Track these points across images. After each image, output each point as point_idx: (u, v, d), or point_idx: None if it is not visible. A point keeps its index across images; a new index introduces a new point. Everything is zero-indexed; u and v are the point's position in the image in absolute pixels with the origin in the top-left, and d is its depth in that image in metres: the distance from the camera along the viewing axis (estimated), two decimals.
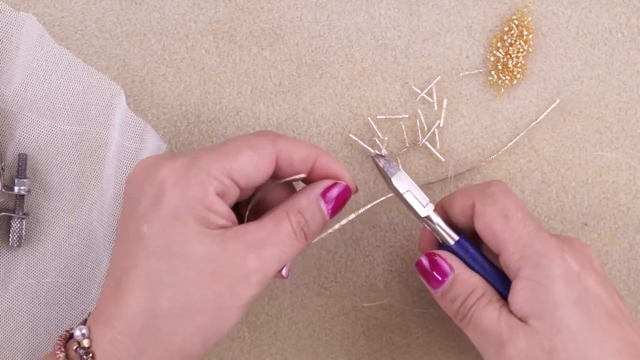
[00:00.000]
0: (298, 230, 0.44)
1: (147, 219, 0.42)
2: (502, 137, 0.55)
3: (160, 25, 0.55)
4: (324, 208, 0.45)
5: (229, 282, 0.42)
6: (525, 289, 0.43)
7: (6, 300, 0.53)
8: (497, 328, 0.43)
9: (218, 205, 0.42)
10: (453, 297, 0.45)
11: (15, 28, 0.53)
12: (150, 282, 0.41)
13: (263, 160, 0.44)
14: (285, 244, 0.43)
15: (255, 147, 0.44)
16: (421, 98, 0.55)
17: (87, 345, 0.42)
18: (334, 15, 0.55)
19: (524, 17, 0.55)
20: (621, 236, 0.55)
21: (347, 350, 0.55)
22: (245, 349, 0.55)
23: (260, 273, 0.42)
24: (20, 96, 0.53)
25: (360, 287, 0.55)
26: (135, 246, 0.42)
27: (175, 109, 0.55)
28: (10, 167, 0.53)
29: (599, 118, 0.55)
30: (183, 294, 0.41)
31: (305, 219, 0.44)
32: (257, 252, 0.42)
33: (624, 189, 0.55)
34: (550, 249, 0.43)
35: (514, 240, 0.43)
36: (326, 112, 0.55)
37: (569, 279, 0.42)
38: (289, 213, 0.44)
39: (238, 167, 0.43)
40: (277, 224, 0.43)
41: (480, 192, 0.45)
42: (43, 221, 0.54)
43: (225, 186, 0.43)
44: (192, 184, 0.42)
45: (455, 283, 0.45)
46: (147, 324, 0.41)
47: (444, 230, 0.46)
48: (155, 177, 0.43)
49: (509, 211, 0.44)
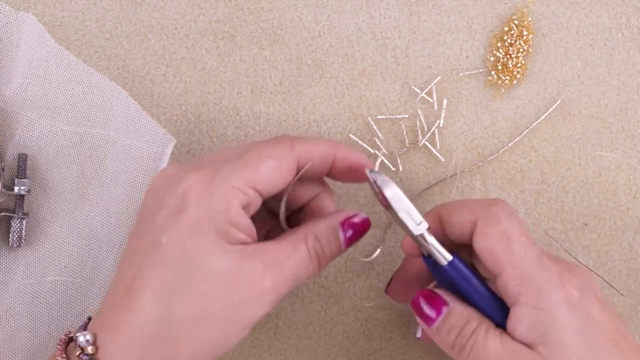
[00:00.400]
0: (313, 255, 0.44)
1: (166, 230, 0.42)
2: (502, 137, 0.55)
3: (161, 25, 0.55)
4: (341, 237, 0.45)
5: (244, 298, 0.42)
6: (529, 316, 0.42)
7: (6, 301, 0.53)
8: (502, 355, 0.42)
9: (240, 220, 0.42)
10: (449, 329, 0.44)
11: (16, 28, 0.53)
12: (164, 290, 0.41)
13: (284, 167, 0.44)
14: (301, 268, 0.44)
15: (275, 156, 0.44)
16: (421, 98, 0.55)
17: (92, 352, 0.42)
18: (334, 15, 0.55)
19: (524, 17, 0.55)
20: (621, 236, 0.55)
21: (347, 350, 0.55)
22: (245, 349, 0.55)
23: (274, 293, 0.42)
24: (20, 96, 0.53)
25: (360, 287, 0.55)
26: (151, 255, 0.42)
27: (175, 109, 0.55)
28: (10, 167, 0.53)
29: (599, 118, 0.55)
30: (197, 305, 0.41)
31: (322, 245, 0.45)
32: (274, 272, 0.42)
33: (624, 189, 0.55)
34: (552, 275, 0.42)
35: (516, 264, 0.42)
36: (326, 112, 0.55)
37: (572, 306, 0.42)
38: (307, 237, 0.44)
39: (260, 178, 0.43)
40: (295, 247, 0.44)
41: (484, 211, 0.44)
42: (43, 221, 0.54)
43: (249, 197, 0.43)
44: (216, 196, 0.42)
45: (450, 315, 0.44)
46: (158, 332, 0.41)
47: (437, 250, 0.44)
48: (177, 188, 0.43)
49: (512, 234, 0.43)
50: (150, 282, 0.42)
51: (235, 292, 0.42)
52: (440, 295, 0.45)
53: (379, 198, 0.45)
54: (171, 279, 0.41)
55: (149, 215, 0.44)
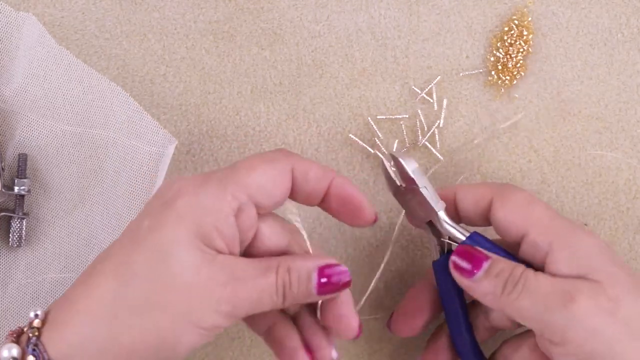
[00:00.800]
0: (280, 286, 0.43)
1: (151, 215, 0.42)
2: (502, 137, 0.55)
3: (160, 25, 0.55)
4: (313, 281, 0.43)
5: (200, 299, 0.41)
6: (569, 256, 0.44)
7: (6, 300, 0.53)
8: (560, 285, 0.44)
9: (226, 227, 0.42)
10: (497, 273, 0.45)
11: (16, 28, 0.53)
12: (127, 270, 0.41)
13: (278, 172, 0.43)
14: (263, 294, 0.42)
15: (269, 160, 0.43)
16: (421, 98, 0.55)
17: (38, 325, 0.41)
18: (334, 15, 0.55)
19: (523, 17, 0.55)
20: (621, 236, 0.55)
21: (347, 350, 0.55)
22: (245, 349, 0.55)
23: (230, 305, 0.41)
24: (21, 96, 0.53)
25: (360, 288, 0.55)
26: (126, 236, 0.42)
27: (175, 109, 0.55)
28: (10, 167, 0.53)
29: (599, 118, 0.55)
30: (153, 292, 0.41)
31: (291, 280, 0.43)
32: (235, 286, 0.41)
33: (624, 189, 0.55)
34: (576, 226, 0.46)
35: (542, 221, 0.45)
36: (326, 112, 0.55)
37: (603, 248, 0.45)
38: (280, 267, 0.43)
39: (254, 182, 0.43)
40: (265, 271, 0.43)
41: (499, 187, 0.47)
42: (43, 221, 0.54)
43: (240, 202, 0.42)
44: (206, 197, 0.42)
45: (496, 263, 0.45)
46: (107, 309, 0.41)
47: (455, 228, 0.47)
48: (172, 185, 0.43)
49: (532, 199, 0.46)
50: (116, 259, 0.41)
51: (193, 291, 0.41)
52: (479, 249, 0.46)
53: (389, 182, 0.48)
54: (136, 260, 0.41)
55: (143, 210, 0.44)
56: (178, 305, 0.41)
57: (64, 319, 0.41)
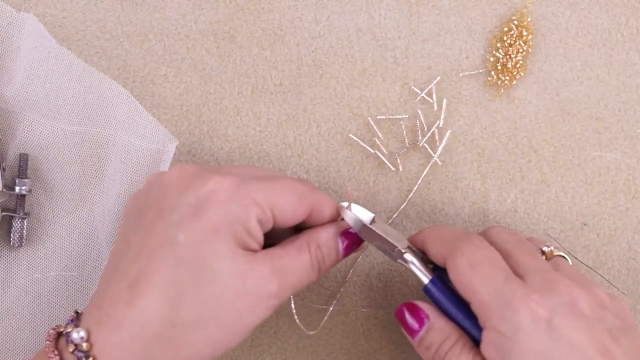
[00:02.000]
0: (315, 262, 0.46)
1: (184, 228, 0.42)
2: (501, 137, 0.55)
3: (161, 25, 0.55)
4: (340, 248, 0.47)
5: (250, 302, 0.43)
6: (494, 340, 0.42)
7: (8, 300, 0.53)
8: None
9: (256, 231, 0.44)
10: (428, 345, 0.45)
11: (16, 28, 0.53)
12: (174, 289, 0.41)
13: (301, 206, 0.46)
14: (303, 274, 0.45)
15: (297, 192, 0.46)
16: (421, 98, 0.55)
17: (87, 349, 0.41)
18: (334, 16, 0.55)
19: (523, 18, 0.55)
20: (620, 236, 0.55)
21: (347, 350, 0.55)
22: (246, 348, 0.55)
23: (278, 298, 0.44)
24: (22, 96, 0.53)
25: (360, 287, 0.55)
26: (163, 251, 0.42)
27: (175, 109, 0.55)
28: (11, 167, 0.53)
29: (599, 118, 0.56)
30: (204, 308, 0.42)
31: (323, 253, 0.46)
32: (279, 278, 0.44)
33: (623, 189, 0.55)
34: (515, 298, 0.42)
35: (482, 290, 0.43)
36: (326, 112, 0.55)
37: (535, 329, 0.41)
38: (310, 245, 0.46)
39: (280, 204, 0.45)
40: (299, 253, 0.45)
41: (452, 246, 0.45)
42: (44, 221, 0.54)
43: (266, 216, 0.44)
44: (239, 204, 0.43)
45: (430, 330, 0.45)
46: (162, 331, 0.41)
47: (419, 270, 0.47)
48: (201, 187, 0.43)
49: (475, 263, 0.44)
50: (160, 279, 0.41)
51: (243, 296, 0.42)
52: (422, 308, 0.46)
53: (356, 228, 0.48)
54: (182, 278, 0.41)
55: (161, 209, 0.44)
56: (230, 315, 0.42)
57: (115, 341, 0.41)
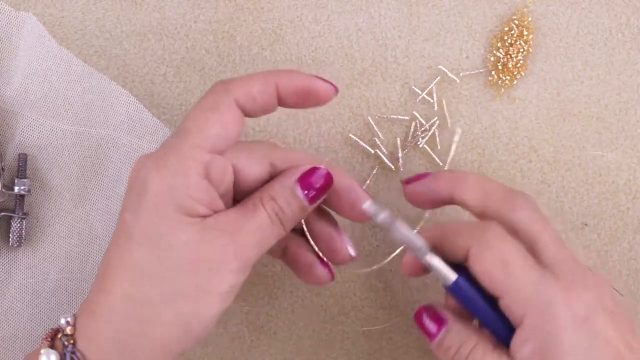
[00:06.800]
0: (274, 217, 0.44)
1: (131, 209, 0.43)
2: (502, 137, 0.55)
3: (161, 25, 0.55)
4: (300, 195, 0.45)
5: (209, 270, 0.42)
6: (532, 339, 0.41)
7: (7, 301, 0.53)
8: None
9: (201, 193, 0.43)
10: (447, 347, 0.44)
11: (16, 28, 0.53)
12: (133, 271, 0.42)
13: (226, 115, 0.44)
14: (262, 231, 0.44)
15: (212, 108, 0.44)
16: (421, 98, 0.55)
17: (70, 332, 0.43)
18: (334, 16, 0.55)
19: (524, 17, 0.55)
20: (621, 236, 0.55)
21: (347, 350, 0.55)
22: (245, 349, 0.55)
23: (239, 260, 0.43)
24: (21, 96, 0.53)
25: (360, 287, 0.55)
26: (122, 237, 0.43)
27: (175, 108, 0.55)
28: (10, 167, 0.53)
29: (599, 118, 0.55)
30: (165, 282, 0.42)
31: (280, 205, 0.44)
32: (235, 239, 0.43)
33: (624, 189, 0.55)
34: (555, 296, 0.41)
35: (517, 288, 0.41)
36: (326, 112, 0.55)
37: (577, 327, 0.41)
38: (263, 200, 0.44)
39: (207, 136, 0.43)
40: (253, 211, 0.44)
41: (476, 237, 0.43)
42: (43, 221, 0.54)
43: (207, 162, 0.43)
44: (171, 172, 0.43)
45: (448, 334, 0.44)
46: (129, 312, 0.42)
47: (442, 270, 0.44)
48: (137, 172, 0.44)
49: (509, 256, 0.42)
50: (122, 263, 0.43)
51: (200, 266, 0.42)
52: (440, 312, 0.45)
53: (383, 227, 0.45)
54: (138, 258, 0.42)
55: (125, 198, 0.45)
56: (192, 286, 0.42)
57: (92, 326, 0.43)
